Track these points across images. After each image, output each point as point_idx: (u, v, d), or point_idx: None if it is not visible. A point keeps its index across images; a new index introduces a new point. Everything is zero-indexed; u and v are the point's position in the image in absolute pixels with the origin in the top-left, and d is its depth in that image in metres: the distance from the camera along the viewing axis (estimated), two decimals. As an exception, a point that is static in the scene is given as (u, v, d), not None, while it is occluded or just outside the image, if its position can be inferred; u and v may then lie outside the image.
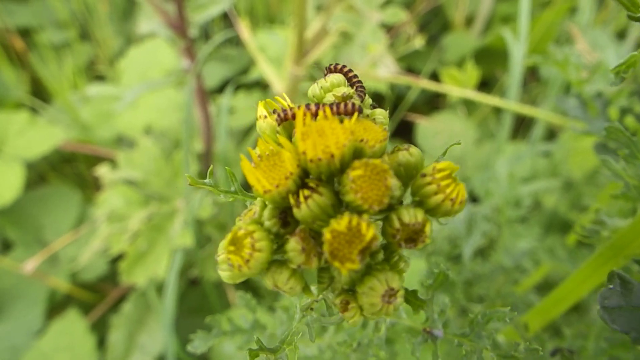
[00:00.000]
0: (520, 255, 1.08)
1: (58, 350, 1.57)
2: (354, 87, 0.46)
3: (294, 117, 0.43)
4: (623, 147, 0.51)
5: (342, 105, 0.42)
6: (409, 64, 2.37)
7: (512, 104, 1.59)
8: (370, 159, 0.38)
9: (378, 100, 2.28)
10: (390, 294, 0.39)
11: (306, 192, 0.38)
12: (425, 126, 2.05)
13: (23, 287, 1.71)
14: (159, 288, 1.58)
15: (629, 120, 0.75)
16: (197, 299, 1.73)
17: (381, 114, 0.45)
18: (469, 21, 2.50)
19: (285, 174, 0.38)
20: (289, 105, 0.44)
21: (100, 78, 2.35)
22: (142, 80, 1.90)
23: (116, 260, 1.63)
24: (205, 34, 2.36)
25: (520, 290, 1.00)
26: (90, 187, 2.09)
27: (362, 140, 0.40)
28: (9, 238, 1.80)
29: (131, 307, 1.62)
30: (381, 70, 1.59)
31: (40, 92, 2.24)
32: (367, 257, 0.37)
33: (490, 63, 2.32)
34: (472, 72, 1.87)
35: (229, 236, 0.39)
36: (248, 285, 1.67)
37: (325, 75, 0.47)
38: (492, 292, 0.86)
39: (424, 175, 0.40)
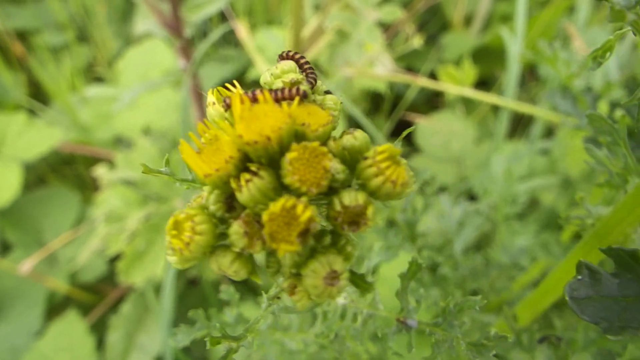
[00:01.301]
0: (517, 252, 1.08)
1: (57, 351, 1.57)
2: (305, 73, 0.46)
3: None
4: (605, 135, 0.51)
5: (286, 90, 0.42)
6: (408, 64, 2.37)
7: (510, 102, 1.59)
8: (310, 142, 0.38)
9: (377, 99, 2.29)
10: (333, 276, 0.39)
11: (247, 175, 0.38)
12: (424, 125, 2.05)
13: (22, 288, 1.71)
14: (158, 288, 1.58)
15: (619, 113, 0.75)
16: (196, 299, 1.73)
17: (332, 99, 0.45)
18: (468, 20, 2.50)
19: (225, 158, 0.38)
20: (238, 92, 0.44)
21: (98, 79, 2.35)
22: (140, 81, 1.91)
23: (115, 260, 1.64)
24: (204, 34, 2.36)
25: (517, 287, 1.00)
26: (89, 188, 2.10)
27: (303, 124, 0.40)
28: (8, 239, 1.81)
29: (130, 308, 1.62)
30: (379, 68, 1.59)
31: (39, 94, 2.25)
32: (309, 239, 0.38)
33: (489, 62, 2.32)
34: (470, 71, 1.87)
35: (170, 220, 0.40)
36: (248, 285, 1.67)
37: (278, 62, 0.47)
38: (486, 287, 0.86)
39: (366, 158, 0.40)
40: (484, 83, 2.37)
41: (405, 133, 0.46)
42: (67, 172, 2.14)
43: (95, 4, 2.28)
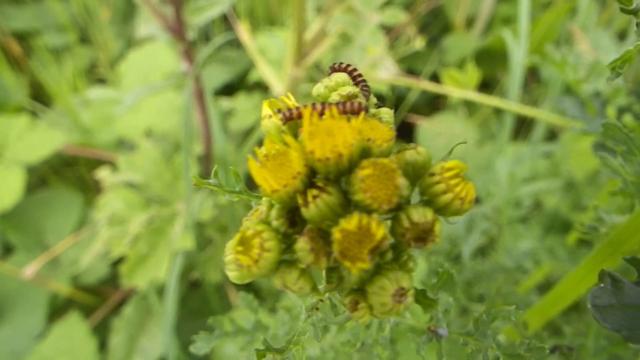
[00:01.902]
0: (521, 255, 1.08)
1: (59, 354, 1.57)
2: (359, 86, 0.46)
3: (299, 116, 0.42)
4: (620, 143, 0.51)
5: (348, 104, 0.41)
6: (410, 66, 2.37)
7: (512, 105, 1.59)
8: (377, 158, 0.38)
9: (379, 101, 2.28)
10: (401, 293, 0.39)
11: (314, 191, 0.37)
12: (426, 127, 2.05)
13: (24, 291, 1.71)
14: (160, 291, 1.58)
15: (627, 119, 0.75)
16: (198, 302, 1.73)
17: (387, 112, 0.45)
18: (470, 22, 2.50)
19: (292, 174, 0.38)
20: (294, 105, 0.44)
21: (100, 81, 2.35)
22: (142, 83, 1.91)
23: (117, 263, 1.63)
24: (206, 36, 2.36)
25: (522, 291, 1.00)
26: (91, 191, 2.09)
27: (369, 140, 0.39)
28: (10, 242, 1.80)
29: (132, 310, 1.62)
30: (381, 71, 1.59)
31: (40, 96, 2.25)
32: (376, 256, 0.37)
33: (491, 64, 2.32)
34: (473, 73, 1.87)
35: (237, 236, 0.39)
36: (250, 287, 1.67)
37: (330, 74, 0.47)
38: (492, 292, 0.86)
39: (433, 175, 0.40)
40: (486, 85, 2.37)
41: (457, 144, 0.45)
42: (69, 175, 2.14)
43: (96, 5, 2.28)
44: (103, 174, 1.63)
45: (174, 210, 1.58)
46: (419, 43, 1.85)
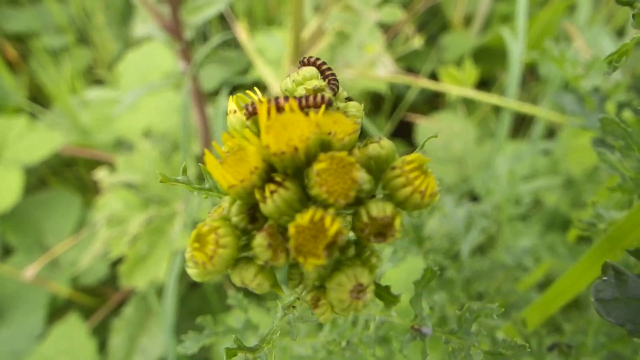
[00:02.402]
0: (521, 253, 1.08)
1: (59, 355, 1.57)
2: (327, 80, 0.45)
3: None
4: (618, 139, 0.51)
5: (311, 98, 0.41)
6: (408, 64, 2.37)
7: (511, 102, 1.59)
8: (337, 152, 0.37)
9: (377, 99, 2.28)
10: (359, 289, 0.38)
11: (272, 186, 0.37)
12: (425, 126, 2.04)
13: (24, 292, 1.71)
14: (160, 291, 1.58)
15: (627, 114, 0.75)
16: (198, 302, 1.73)
17: (354, 106, 0.44)
18: (468, 20, 2.50)
19: (249, 169, 0.38)
20: (258, 99, 0.43)
21: (99, 82, 2.35)
22: (140, 83, 1.90)
23: (116, 263, 1.63)
24: (204, 36, 2.36)
25: (522, 288, 1.00)
26: (90, 191, 2.09)
27: (330, 133, 0.39)
28: (9, 243, 1.80)
29: (132, 311, 1.62)
30: (379, 69, 1.59)
31: (39, 97, 2.25)
32: (334, 252, 0.37)
33: (489, 62, 2.31)
34: (471, 71, 1.87)
35: (193, 233, 0.38)
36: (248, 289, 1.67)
37: (299, 68, 0.46)
38: (492, 290, 0.86)
39: (394, 168, 0.39)
40: (485, 83, 2.37)
41: (427, 140, 0.45)
42: (68, 175, 2.13)
43: (94, 6, 2.27)
44: (102, 175, 1.63)
45: (172, 210, 1.58)
46: (417, 41, 1.85)
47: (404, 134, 2.16)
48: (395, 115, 2.12)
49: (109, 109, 1.91)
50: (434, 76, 2.19)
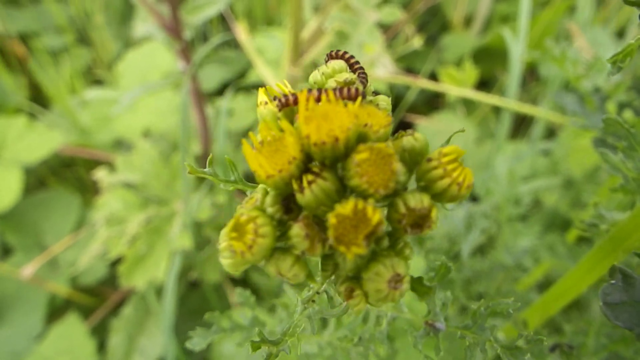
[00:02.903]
0: (521, 253, 1.07)
1: (58, 355, 1.56)
2: (356, 73, 0.45)
3: (295, 102, 0.42)
4: (621, 139, 0.51)
5: (345, 90, 0.41)
6: (408, 64, 2.37)
7: (511, 103, 1.59)
8: (375, 143, 0.37)
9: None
10: (397, 279, 0.39)
11: (310, 177, 0.37)
12: (425, 126, 2.04)
13: (23, 292, 1.70)
14: (159, 291, 1.57)
15: (628, 114, 0.75)
16: (197, 302, 1.72)
17: (384, 100, 0.44)
18: (468, 21, 2.50)
19: (288, 159, 0.38)
20: (289, 91, 0.43)
21: (98, 82, 2.35)
22: (140, 83, 1.90)
23: (115, 263, 1.63)
24: (204, 36, 2.36)
25: (521, 289, 1.00)
26: (89, 191, 2.09)
27: (366, 125, 0.39)
28: (9, 243, 1.80)
29: (131, 311, 1.62)
30: (379, 70, 1.59)
31: (39, 97, 2.24)
32: (372, 242, 0.37)
33: (489, 63, 2.31)
34: (471, 71, 1.87)
35: (230, 222, 0.38)
36: (248, 286, 1.67)
37: (327, 61, 0.46)
38: (492, 290, 0.86)
39: (430, 160, 0.39)
40: (485, 84, 2.37)
41: (454, 133, 0.45)
42: (67, 175, 2.13)
43: (94, 6, 2.27)
44: (101, 174, 1.63)
45: (172, 209, 1.58)
46: (417, 42, 1.85)
47: (403, 134, 2.16)
48: (395, 115, 2.11)
49: (108, 109, 1.91)
50: (433, 76, 2.19)
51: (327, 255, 0.42)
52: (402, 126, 2.14)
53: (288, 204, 0.40)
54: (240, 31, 1.72)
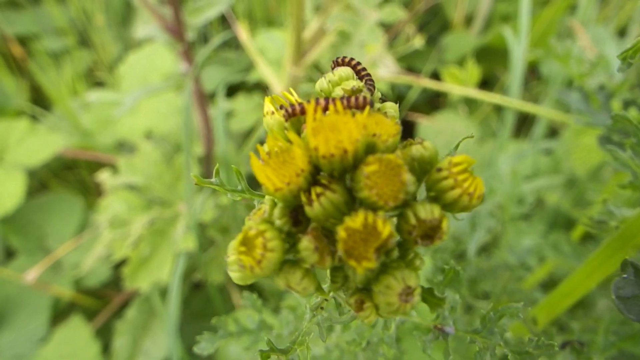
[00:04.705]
0: (525, 252, 1.07)
1: (62, 358, 1.56)
2: (363, 81, 0.45)
3: (302, 112, 0.42)
4: (630, 136, 0.50)
5: (352, 99, 0.40)
6: (409, 64, 2.36)
7: (513, 101, 1.58)
8: (383, 153, 0.37)
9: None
10: (408, 292, 0.38)
11: (318, 189, 0.37)
12: (427, 126, 2.04)
13: (27, 295, 1.70)
14: (163, 293, 1.57)
15: (632, 112, 0.75)
16: (201, 303, 1.72)
17: (392, 107, 0.44)
18: (469, 20, 2.50)
19: (296, 171, 0.37)
20: (296, 101, 0.43)
21: (99, 84, 2.35)
22: (141, 85, 1.90)
23: (119, 265, 1.63)
24: (204, 37, 2.36)
25: (525, 288, 1.00)
26: (92, 193, 2.09)
27: (374, 135, 0.38)
28: (12, 246, 1.80)
29: (135, 313, 1.62)
30: (381, 69, 1.59)
31: (40, 100, 2.24)
32: (382, 255, 0.37)
33: (490, 62, 2.31)
34: (473, 70, 1.86)
35: (239, 236, 0.38)
36: (253, 288, 1.67)
37: (333, 68, 0.46)
38: (497, 289, 0.86)
39: (440, 170, 0.39)
40: (486, 83, 2.37)
41: (462, 140, 0.44)
42: (69, 178, 2.13)
43: (94, 9, 2.27)
44: (104, 177, 1.63)
45: (175, 211, 1.58)
46: (418, 41, 1.85)
47: (405, 133, 2.15)
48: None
49: (110, 111, 1.91)
50: (435, 76, 2.19)
51: (336, 267, 0.42)
52: (404, 125, 2.14)
53: (296, 216, 0.40)
54: (242, 32, 1.72)
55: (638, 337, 0.60)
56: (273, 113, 0.44)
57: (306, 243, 0.37)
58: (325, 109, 0.39)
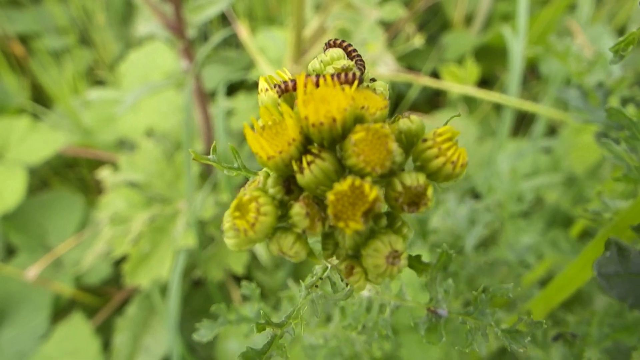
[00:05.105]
0: (524, 250, 1.08)
1: (63, 354, 1.57)
2: (354, 60, 0.47)
3: (294, 88, 0.44)
4: (624, 129, 0.51)
5: (342, 75, 0.42)
6: (409, 63, 2.37)
7: (512, 100, 1.59)
8: (371, 124, 0.38)
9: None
10: (394, 255, 0.40)
11: (309, 157, 0.38)
12: (426, 124, 2.04)
13: (28, 292, 1.71)
14: (163, 290, 1.58)
15: (630, 109, 0.75)
16: (201, 300, 1.73)
17: (381, 85, 0.46)
18: (469, 20, 2.50)
19: (287, 140, 0.39)
20: (289, 77, 0.45)
21: (100, 82, 2.35)
22: (142, 83, 1.91)
23: (120, 262, 1.63)
24: (205, 36, 2.36)
25: (524, 284, 1.00)
26: (92, 191, 2.09)
27: (363, 108, 0.40)
28: (13, 243, 1.81)
29: (135, 310, 1.62)
30: (381, 68, 1.59)
31: (41, 98, 2.25)
32: (370, 219, 0.38)
33: (490, 61, 2.32)
34: (472, 69, 1.87)
35: (234, 202, 0.40)
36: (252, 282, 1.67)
37: (325, 50, 0.48)
38: (495, 284, 0.86)
39: (425, 140, 0.40)
40: (485, 82, 2.37)
41: (449, 119, 0.46)
42: (70, 176, 2.14)
43: (95, 7, 2.28)
44: (104, 174, 1.63)
45: (175, 208, 1.59)
46: (418, 40, 1.85)
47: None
48: (397, 113, 2.12)
49: (110, 109, 1.91)
50: (434, 75, 2.20)
51: (328, 234, 0.43)
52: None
53: (289, 185, 0.41)
54: (242, 30, 1.73)
55: (632, 329, 0.61)
56: (267, 90, 0.46)
57: (298, 209, 0.39)
58: (317, 84, 0.41)
